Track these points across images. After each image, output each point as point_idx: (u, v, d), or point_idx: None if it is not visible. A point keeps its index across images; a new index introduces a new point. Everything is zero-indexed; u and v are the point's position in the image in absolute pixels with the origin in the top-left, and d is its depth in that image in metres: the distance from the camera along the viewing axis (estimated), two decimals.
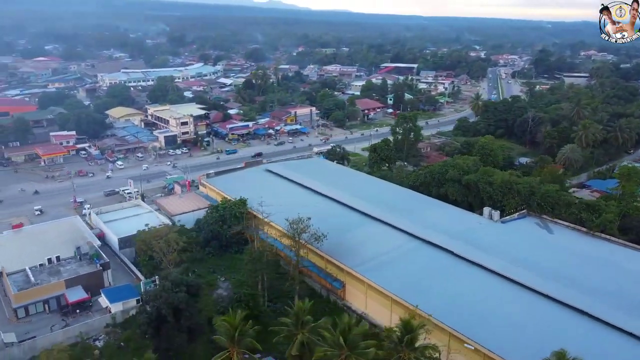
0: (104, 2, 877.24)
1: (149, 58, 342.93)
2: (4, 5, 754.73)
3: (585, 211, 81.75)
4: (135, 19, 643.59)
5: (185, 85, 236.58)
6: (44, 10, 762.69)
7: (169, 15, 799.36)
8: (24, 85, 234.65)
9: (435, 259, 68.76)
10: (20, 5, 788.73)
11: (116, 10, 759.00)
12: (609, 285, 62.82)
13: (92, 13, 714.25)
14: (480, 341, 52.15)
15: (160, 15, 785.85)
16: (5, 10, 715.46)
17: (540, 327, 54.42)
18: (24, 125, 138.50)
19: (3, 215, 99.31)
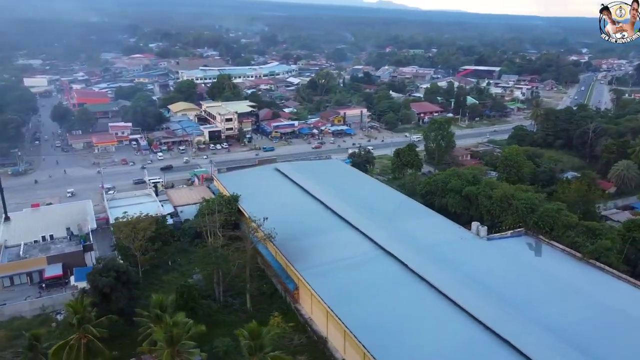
0: (219, 3, 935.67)
1: (237, 57, 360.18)
2: (127, 7, 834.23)
3: (584, 235, 73.51)
4: (241, 20, 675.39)
5: (254, 84, 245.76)
6: (161, 10, 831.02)
7: (275, 15, 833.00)
8: (115, 79, 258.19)
9: (386, 272, 65.90)
10: (140, 6, 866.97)
11: (226, 11, 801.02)
12: (565, 319, 56.22)
13: (202, 13, 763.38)
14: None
15: (268, 15, 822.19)
16: (127, 10, 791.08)
17: (457, 354, 50.50)
18: (86, 115, 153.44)
19: (40, 195, 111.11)
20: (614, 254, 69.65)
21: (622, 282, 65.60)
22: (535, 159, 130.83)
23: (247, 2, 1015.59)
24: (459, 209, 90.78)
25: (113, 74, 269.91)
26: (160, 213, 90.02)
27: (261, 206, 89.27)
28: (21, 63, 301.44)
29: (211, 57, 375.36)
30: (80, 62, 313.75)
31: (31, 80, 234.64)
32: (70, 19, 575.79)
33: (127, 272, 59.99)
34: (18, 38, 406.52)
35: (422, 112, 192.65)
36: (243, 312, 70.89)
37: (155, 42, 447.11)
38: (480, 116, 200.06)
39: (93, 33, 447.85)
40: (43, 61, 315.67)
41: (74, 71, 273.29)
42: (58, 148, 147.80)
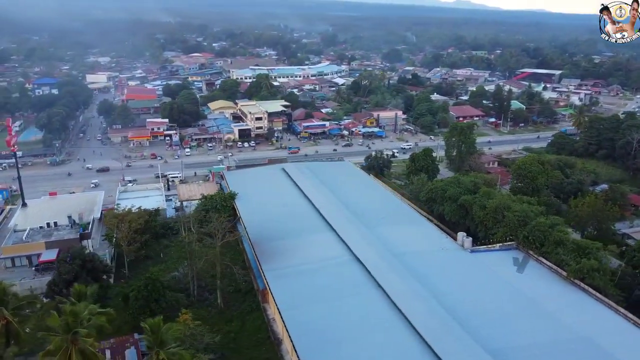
0: (293, 3, 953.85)
1: (293, 56, 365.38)
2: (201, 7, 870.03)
3: (573, 253, 68.49)
4: (309, 20, 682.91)
5: (299, 83, 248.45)
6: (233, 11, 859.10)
7: (347, 15, 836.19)
8: (170, 77, 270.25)
9: (348, 278, 64.84)
10: (214, 7, 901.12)
11: (299, 11, 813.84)
12: (515, 342, 52.90)
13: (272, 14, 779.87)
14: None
15: (340, 15, 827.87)
16: (200, 11, 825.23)
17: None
18: (125, 111, 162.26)
19: (67, 185, 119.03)
20: (600, 275, 64.35)
21: (602, 307, 60.77)
22: (566, 169, 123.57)
23: (323, 3, 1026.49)
24: (454, 218, 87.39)
25: (169, 72, 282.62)
26: (161, 207, 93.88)
27: (255, 205, 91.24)
28: (91, 60, 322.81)
29: (268, 56, 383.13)
30: (144, 60, 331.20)
31: (93, 76, 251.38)
32: (145, 19, 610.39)
33: (93, 260, 63.24)
34: (94, 37, 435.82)
35: (461, 115, 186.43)
36: (214, 307, 72.64)
37: (219, 42, 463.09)
38: (525, 122, 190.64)
39: (163, 33, 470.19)
40: (111, 59, 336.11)
41: (134, 68, 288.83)
42: (99, 141, 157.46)
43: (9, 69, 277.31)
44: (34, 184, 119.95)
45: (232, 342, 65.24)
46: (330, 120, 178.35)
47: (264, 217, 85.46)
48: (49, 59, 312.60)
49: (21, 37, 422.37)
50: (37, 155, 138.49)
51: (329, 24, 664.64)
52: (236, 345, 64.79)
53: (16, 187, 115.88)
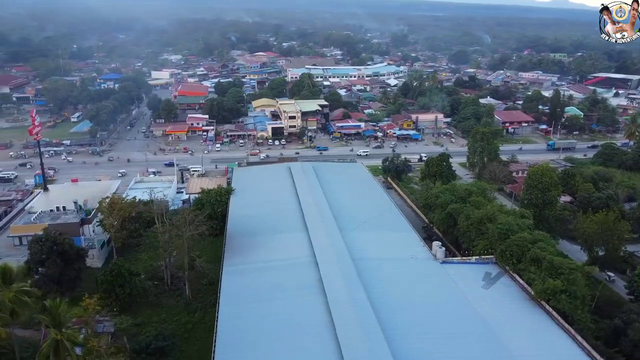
0: (375, 4, 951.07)
1: (357, 56, 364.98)
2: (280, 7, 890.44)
3: (547, 271, 63.34)
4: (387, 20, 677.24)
5: (350, 84, 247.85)
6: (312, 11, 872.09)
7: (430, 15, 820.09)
8: (230, 75, 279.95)
9: (298, 279, 64.51)
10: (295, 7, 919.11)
11: (379, 11, 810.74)
12: None
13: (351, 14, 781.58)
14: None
15: (424, 15, 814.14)
16: (279, 10, 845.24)
17: None
18: (168, 106, 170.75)
19: (100, 173, 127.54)
20: (567, 298, 59.15)
21: (560, 333, 55.99)
22: (600, 183, 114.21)
23: (408, 3, 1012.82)
24: (442, 226, 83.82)
25: (230, 70, 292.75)
26: (163, 198, 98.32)
27: (247, 201, 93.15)
28: (163, 58, 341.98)
29: (333, 56, 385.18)
30: (211, 58, 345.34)
31: (157, 73, 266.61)
32: (225, 18, 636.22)
33: (63, 243, 67.83)
34: (173, 36, 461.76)
35: (508, 121, 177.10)
36: (183, 298, 75.21)
37: (289, 42, 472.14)
38: (581, 130, 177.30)
39: (237, 32, 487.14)
40: (182, 56, 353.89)
41: (199, 66, 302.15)
42: (142, 134, 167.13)
43: (89, 65, 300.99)
44: (72, 171, 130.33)
45: (188, 332, 67.51)
46: (368, 121, 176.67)
47: (249, 213, 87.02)
48: (125, 56, 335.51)
49: (110, 36, 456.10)
50: (82, 145, 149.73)
51: (407, 24, 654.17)
52: (189, 335, 66.88)
53: (53, 172, 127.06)
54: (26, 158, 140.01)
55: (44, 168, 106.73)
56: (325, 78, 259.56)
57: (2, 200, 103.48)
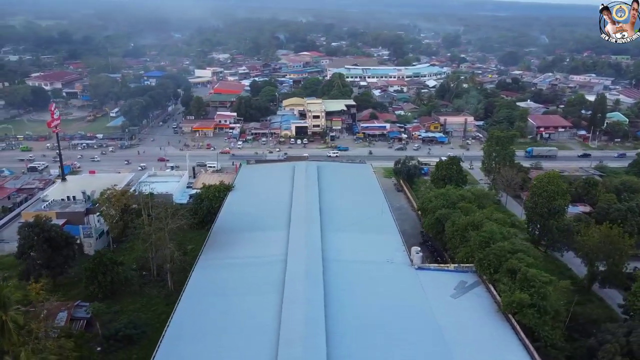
0: (436, 3, 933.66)
1: (403, 56, 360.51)
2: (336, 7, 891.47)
3: (520, 283, 60.23)
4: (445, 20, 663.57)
5: (387, 84, 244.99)
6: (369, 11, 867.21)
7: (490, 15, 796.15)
8: (271, 74, 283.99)
9: (264, 277, 64.81)
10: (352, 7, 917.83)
11: (438, 11, 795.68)
12: None
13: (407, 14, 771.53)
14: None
15: (483, 15, 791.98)
16: (335, 11, 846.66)
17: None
18: (198, 103, 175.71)
19: (122, 165, 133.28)
20: (533, 313, 56.09)
21: (519, 350, 53.21)
22: (624, 194, 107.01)
23: (472, 2, 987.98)
24: (431, 232, 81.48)
25: (272, 69, 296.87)
26: (167, 192, 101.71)
27: (242, 198, 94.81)
28: (211, 57, 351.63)
29: (380, 56, 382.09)
30: (257, 58, 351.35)
31: (200, 71, 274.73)
32: (279, 18, 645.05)
33: (49, 230, 71.61)
34: (226, 35, 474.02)
35: (543, 125, 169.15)
36: (166, 289, 77.43)
37: (339, 41, 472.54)
38: (625, 136, 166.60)
39: (288, 31, 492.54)
40: (230, 55, 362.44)
41: (239, 65, 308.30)
42: (173, 130, 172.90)
43: (139, 62, 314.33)
44: (99, 163, 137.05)
45: (161, 323, 69.14)
46: (395, 122, 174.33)
47: (241, 209, 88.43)
48: (175, 54, 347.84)
49: (166, 35, 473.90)
50: (113, 139, 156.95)
51: (465, 24, 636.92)
52: (162, 325, 68.46)
53: (80, 164, 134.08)
54: None
55: (61, 159, 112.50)
56: (362, 78, 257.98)
57: (25, 189, 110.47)
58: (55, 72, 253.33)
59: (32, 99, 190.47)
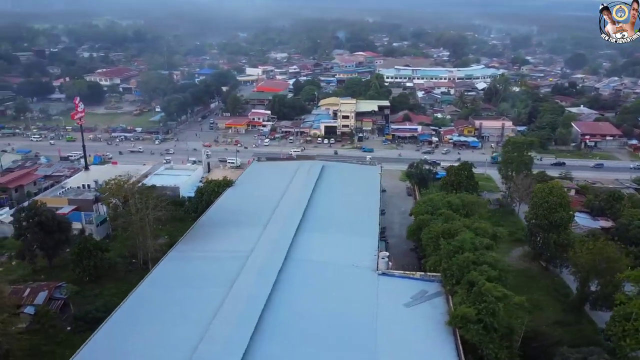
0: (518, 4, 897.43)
1: (459, 57, 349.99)
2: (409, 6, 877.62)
3: (475, 297, 57.07)
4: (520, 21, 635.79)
5: (433, 85, 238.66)
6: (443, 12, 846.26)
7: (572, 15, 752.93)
8: (322, 73, 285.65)
9: (224, 271, 65.63)
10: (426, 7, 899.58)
11: (518, 12, 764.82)
12: None
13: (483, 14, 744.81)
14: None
15: (566, 15, 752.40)
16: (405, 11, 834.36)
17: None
18: (234, 101, 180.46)
19: (150, 159, 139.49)
20: (478, 329, 53.02)
21: None
22: None
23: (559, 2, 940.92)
24: (412, 237, 78.88)
25: (323, 69, 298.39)
26: (175, 185, 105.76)
27: (239, 193, 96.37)
28: (269, 56, 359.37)
29: (439, 57, 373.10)
30: (313, 57, 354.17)
31: (250, 70, 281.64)
32: (345, 18, 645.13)
33: (40, 214, 76.66)
34: (289, 35, 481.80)
35: (588, 133, 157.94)
36: None
37: (402, 42, 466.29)
38: None
39: (350, 31, 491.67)
40: (288, 54, 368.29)
41: (291, 64, 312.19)
42: (209, 126, 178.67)
43: (199, 60, 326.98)
44: (129, 155, 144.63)
45: None
46: (429, 125, 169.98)
47: (231, 205, 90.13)
48: (235, 53, 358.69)
49: (232, 34, 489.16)
50: (151, 133, 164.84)
51: (541, 24, 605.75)
52: None
53: (112, 155, 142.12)
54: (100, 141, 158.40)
55: (85, 149, 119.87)
56: (409, 79, 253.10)
57: (53, 175, 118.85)
58: (116, 69, 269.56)
59: (87, 93, 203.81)
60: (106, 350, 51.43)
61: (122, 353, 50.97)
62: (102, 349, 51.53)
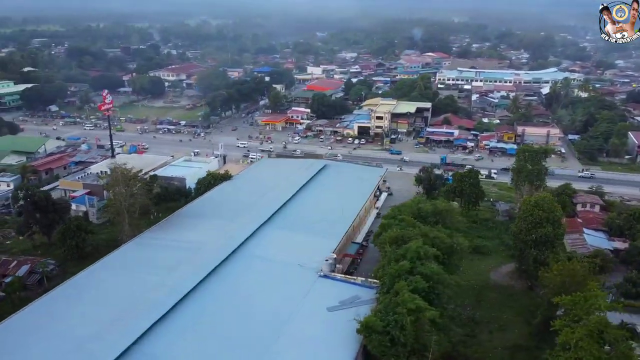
0: None
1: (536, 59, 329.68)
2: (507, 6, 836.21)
3: (393, 307, 54.40)
4: None
5: (492, 89, 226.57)
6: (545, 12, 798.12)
7: None
8: (385, 73, 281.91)
9: (170, 260, 67.93)
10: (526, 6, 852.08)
11: None
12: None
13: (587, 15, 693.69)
14: None
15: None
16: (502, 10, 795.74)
17: None
18: (276, 98, 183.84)
19: (183, 150, 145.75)
20: (379, 339, 50.61)
21: None
22: None
23: None
24: (375, 242, 75.99)
25: (386, 69, 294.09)
26: (182, 176, 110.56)
27: (231, 188, 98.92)
28: (339, 55, 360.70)
29: (517, 59, 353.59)
30: (382, 57, 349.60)
31: (312, 69, 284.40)
32: (431, 19, 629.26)
33: (34, 195, 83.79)
34: (366, 34, 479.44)
35: None
36: None
37: (483, 43, 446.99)
38: None
39: (429, 32, 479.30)
40: (357, 54, 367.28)
41: (355, 64, 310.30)
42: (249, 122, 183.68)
43: (268, 58, 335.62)
44: (164, 145, 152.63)
45: None
46: (470, 129, 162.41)
47: (217, 197, 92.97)
48: (305, 52, 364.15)
49: (310, 34, 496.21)
50: (192, 126, 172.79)
51: None
52: None
53: (149, 145, 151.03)
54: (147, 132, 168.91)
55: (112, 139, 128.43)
56: (469, 81, 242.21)
57: (87, 162, 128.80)
58: (185, 65, 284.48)
59: (150, 87, 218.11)
60: (26, 323, 55.56)
61: (36, 327, 54.66)
62: (24, 322, 55.74)
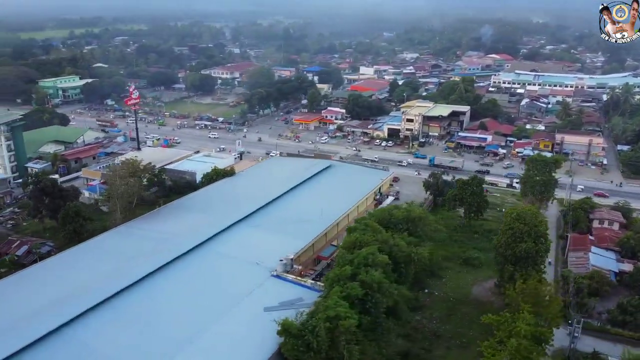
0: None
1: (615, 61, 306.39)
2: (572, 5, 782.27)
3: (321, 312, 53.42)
4: None
5: (549, 93, 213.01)
6: None
7: None
8: (440, 75, 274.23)
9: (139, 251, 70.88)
10: None
11: None
12: None
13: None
14: None
15: None
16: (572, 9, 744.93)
17: None
18: (312, 97, 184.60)
19: (210, 145, 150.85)
20: (293, 343, 49.96)
21: None
22: None
23: None
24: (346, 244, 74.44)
25: (442, 70, 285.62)
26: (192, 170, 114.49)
27: (230, 184, 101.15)
28: (400, 56, 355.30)
29: (591, 63, 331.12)
30: (441, 59, 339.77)
31: (365, 69, 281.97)
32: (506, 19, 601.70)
33: (42, 182, 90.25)
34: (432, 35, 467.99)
35: None
36: None
37: (558, 44, 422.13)
38: None
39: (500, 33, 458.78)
40: (419, 55, 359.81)
41: (408, 65, 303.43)
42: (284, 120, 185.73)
43: (328, 59, 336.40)
44: (195, 140, 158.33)
45: None
46: (507, 135, 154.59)
47: (211, 192, 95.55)
48: (364, 52, 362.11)
49: (378, 34, 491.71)
50: (229, 123, 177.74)
51: None
52: None
53: (181, 139, 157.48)
54: (185, 127, 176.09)
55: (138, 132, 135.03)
56: (526, 85, 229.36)
57: (117, 153, 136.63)
58: (240, 64, 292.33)
59: (200, 84, 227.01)
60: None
61: None
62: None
